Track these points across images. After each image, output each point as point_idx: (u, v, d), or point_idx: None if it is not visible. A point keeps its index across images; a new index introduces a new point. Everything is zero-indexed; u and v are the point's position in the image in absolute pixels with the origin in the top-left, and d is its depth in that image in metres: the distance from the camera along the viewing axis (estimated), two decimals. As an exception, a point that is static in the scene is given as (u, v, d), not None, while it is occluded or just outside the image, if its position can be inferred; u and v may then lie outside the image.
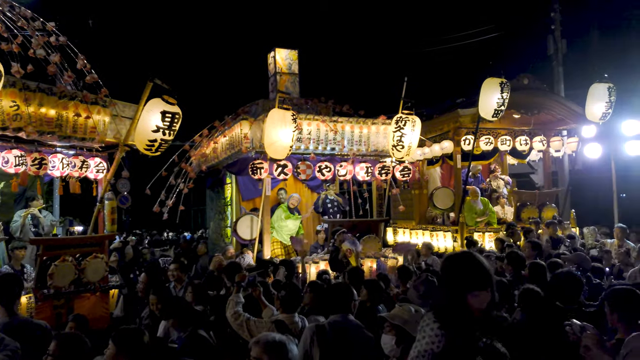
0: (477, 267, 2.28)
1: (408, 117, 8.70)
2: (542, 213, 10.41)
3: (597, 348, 2.68)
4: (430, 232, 11.04)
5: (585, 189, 16.69)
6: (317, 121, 8.73)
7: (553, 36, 15.34)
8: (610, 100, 9.56)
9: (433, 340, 2.22)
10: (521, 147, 10.59)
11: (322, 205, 10.37)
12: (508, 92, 8.89)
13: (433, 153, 11.05)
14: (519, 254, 6.24)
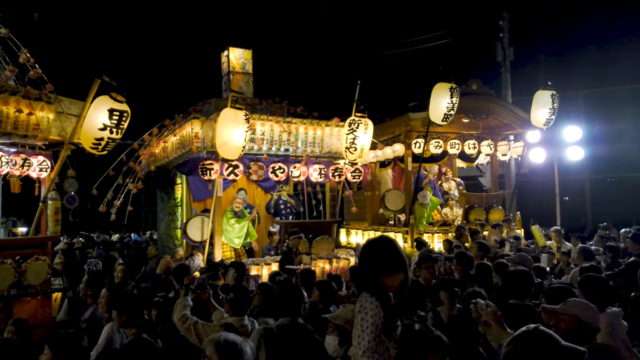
0: (392, 252, 2.60)
1: (361, 119, 8.79)
2: (489, 215, 10.73)
3: (496, 323, 2.84)
4: (382, 233, 11.18)
5: (530, 191, 17.37)
6: (271, 122, 8.68)
7: (502, 43, 15.88)
8: (554, 106, 9.97)
9: (376, 312, 2.50)
10: (469, 150, 10.90)
11: (275, 206, 10.33)
12: (457, 97, 9.14)
13: (385, 155, 11.22)
14: (467, 254, 6.42)
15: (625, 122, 17.05)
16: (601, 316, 3.50)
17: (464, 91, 9.97)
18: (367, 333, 2.51)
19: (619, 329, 3.42)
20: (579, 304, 3.01)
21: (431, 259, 5.78)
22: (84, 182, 9.58)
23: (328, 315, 3.21)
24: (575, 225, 16.01)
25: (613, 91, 17.95)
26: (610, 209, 17.44)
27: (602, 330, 3.42)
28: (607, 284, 3.57)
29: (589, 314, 2.92)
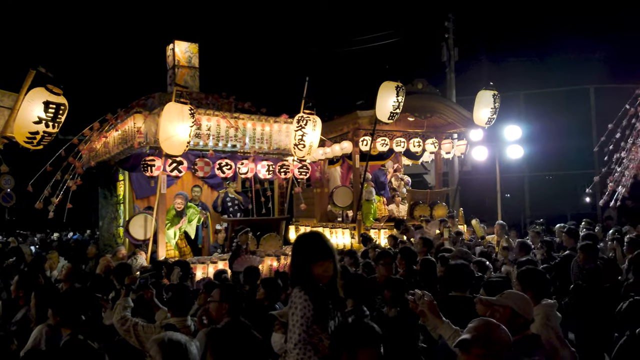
0: (320, 242, 2.81)
1: (309, 116, 8.79)
2: (434, 211, 11.00)
3: (431, 313, 2.97)
4: (330, 230, 11.27)
5: (473, 188, 17.94)
6: (218, 117, 8.53)
7: (447, 44, 16.29)
8: (495, 106, 10.32)
9: (305, 306, 2.62)
10: (414, 148, 11.13)
11: (222, 203, 10.17)
12: (403, 95, 9.31)
13: (334, 153, 11.30)
14: (412, 249, 6.54)
15: (563, 123, 17.87)
16: (537, 307, 3.65)
17: (410, 90, 10.16)
18: (297, 327, 2.61)
19: (553, 320, 3.58)
20: (513, 296, 3.12)
21: (389, 256, 5.72)
22: (21, 179, 9.11)
23: (275, 313, 3.20)
24: (516, 221, 16.67)
25: (551, 92, 18.79)
26: (548, 205, 18.29)
27: (537, 321, 3.57)
28: (544, 276, 3.73)
29: (522, 305, 3.04)
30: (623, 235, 8.20)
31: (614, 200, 11.37)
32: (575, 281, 6.10)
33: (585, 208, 16.75)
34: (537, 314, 3.60)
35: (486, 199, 16.88)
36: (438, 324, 3.00)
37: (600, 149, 11.79)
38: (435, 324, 2.99)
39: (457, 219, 11.05)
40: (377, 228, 10.37)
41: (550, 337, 3.35)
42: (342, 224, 11.16)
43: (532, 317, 3.11)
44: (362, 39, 16.53)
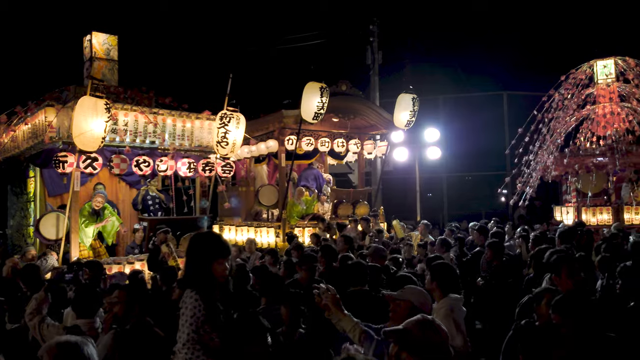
0: (219, 241, 2.93)
1: (233, 114, 8.70)
2: (356, 209, 11.25)
3: (334, 306, 3.09)
4: (255, 229, 11.23)
5: (395, 188, 18.55)
6: (136, 112, 8.25)
7: (372, 47, 16.71)
8: (414, 109, 10.71)
9: (195, 305, 2.68)
10: (338, 148, 11.34)
11: (142, 202, 9.86)
12: (327, 96, 9.46)
13: (259, 151, 11.27)
14: (332, 247, 6.66)
15: (478, 126, 18.86)
16: (443, 300, 3.86)
17: (334, 91, 10.33)
18: (187, 326, 2.67)
19: (457, 313, 3.78)
20: (413, 290, 3.29)
21: (312, 260, 5.65)
22: None
23: None
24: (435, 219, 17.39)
25: (468, 97, 19.78)
26: (465, 204, 19.25)
27: (441, 313, 3.78)
28: (453, 271, 3.93)
29: (420, 299, 3.22)
30: (529, 233, 8.80)
31: (522, 200, 12.16)
32: (483, 277, 6.49)
33: (499, 207, 17.75)
34: (442, 307, 3.81)
35: (407, 198, 17.50)
36: (340, 317, 3.11)
37: (511, 152, 12.58)
38: (338, 317, 3.10)
39: (378, 217, 11.39)
40: (302, 226, 10.45)
41: (449, 327, 3.55)
42: (267, 223, 11.15)
43: (430, 310, 3.29)
44: (289, 38, 16.60)
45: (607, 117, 11.40)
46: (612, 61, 11.69)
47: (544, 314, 3.24)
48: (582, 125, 12.08)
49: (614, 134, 11.03)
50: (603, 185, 11.39)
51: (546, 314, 3.19)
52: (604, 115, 11.45)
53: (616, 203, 11.17)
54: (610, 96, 11.65)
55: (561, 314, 2.95)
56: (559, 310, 2.97)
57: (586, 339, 2.84)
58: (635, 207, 10.87)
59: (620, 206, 11.12)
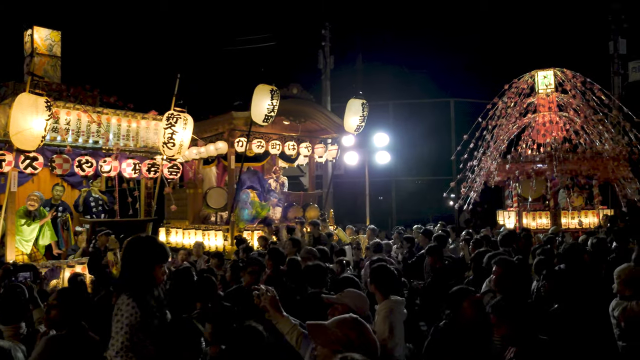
0: (161, 244, 2.95)
1: (180, 114, 8.53)
2: (306, 213, 11.28)
3: (272, 307, 3.10)
4: (203, 232, 11.06)
5: (345, 191, 18.74)
6: (78, 110, 7.97)
7: (323, 52, 16.83)
8: (364, 114, 10.84)
9: (131, 313, 2.64)
10: (289, 151, 11.34)
11: (84, 203, 9.52)
12: (278, 99, 9.44)
13: (208, 153, 11.11)
14: (279, 250, 6.65)
15: (427, 132, 19.34)
16: (384, 302, 3.93)
17: (285, 94, 10.32)
18: (122, 334, 2.63)
19: (396, 315, 3.86)
20: (351, 294, 3.34)
21: (258, 264, 5.55)
22: None
23: None
24: (383, 223, 17.68)
25: (417, 104, 20.23)
26: (413, 208, 19.63)
27: (381, 315, 3.85)
28: (391, 273, 4.00)
29: (358, 302, 3.27)
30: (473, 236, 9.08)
31: (466, 204, 12.54)
32: (426, 279, 6.65)
33: (447, 211, 18.22)
34: (382, 309, 3.88)
35: (357, 201, 17.70)
36: (279, 319, 3.10)
37: (457, 158, 12.95)
38: (277, 319, 3.10)
39: (328, 220, 11.46)
40: (250, 230, 10.38)
41: (384, 330, 3.62)
42: (215, 226, 11.00)
43: (367, 314, 3.34)
44: (241, 39, 16.48)
45: (547, 126, 11.94)
46: (551, 72, 12.25)
47: (465, 314, 3.34)
48: (524, 133, 12.60)
49: (552, 142, 11.54)
50: (542, 191, 11.91)
51: (468, 313, 3.29)
52: (544, 124, 11.98)
53: (554, 208, 11.69)
54: (549, 105, 12.21)
55: (498, 316, 3.05)
56: (496, 312, 3.07)
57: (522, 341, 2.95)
58: (571, 212, 11.43)
59: (557, 211, 11.65)
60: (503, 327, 3.02)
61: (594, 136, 11.57)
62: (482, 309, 3.29)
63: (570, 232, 10.75)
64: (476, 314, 3.27)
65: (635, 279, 4.07)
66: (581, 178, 11.45)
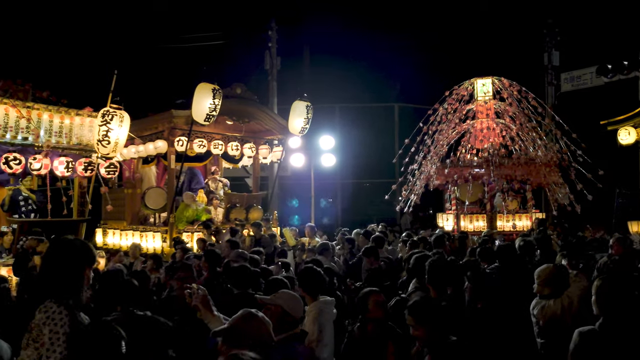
0: (89, 247, 2.85)
1: (116, 111, 8.29)
2: (249, 214, 11.18)
3: (203, 307, 3.12)
4: (141, 233, 10.77)
5: (292, 193, 18.73)
6: (6, 105, 7.59)
7: (270, 52, 16.77)
8: (308, 116, 10.88)
9: (65, 321, 2.50)
10: (232, 152, 11.21)
11: (12, 202, 9.06)
12: (220, 98, 9.33)
13: (147, 152, 10.83)
14: (216, 252, 6.56)
15: (372, 135, 19.61)
16: (314, 304, 3.95)
17: (228, 94, 10.22)
18: (59, 344, 2.46)
19: (325, 316, 3.88)
20: (284, 295, 3.33)
21: (186, 270, 5.34)
22: None
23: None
24: (329, 225, 17.78)
25: (363, 107, 20.48)
26: (358, 210, 19.85)
27: (311, 317, 3.86)
28: (318, 275, 4.02)
29: (291, 304, 3.27)
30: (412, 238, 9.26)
31: (407, 207, 12.79)
32: (363, 280, 6.72)
33: (391, 213, 18.52)
34: (311, 310, 3.90)
35: (303, 203, 17.72)
36: (209, 317, 3.09)
37: (399, 161, 13.20)
38: (208, 319, 3.08)
39: (271, 222, 11.40)
40: (190, 231, 10.19)
41: (313, 332, 3.64)
42: (154, 227, 10.73)
43: (300, 315, 3.35)
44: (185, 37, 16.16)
45: (484, 132, 12.35)
46: (490, 80, 12.68)
47: (371, 314, 3.40)
48: (463, 138, 12.99)
49: (489, 148, 11.96)
50: (479, 195, 12.31)
51: (373, 314, 3.35)
52: (481, 130, 12.39)
53: (490, 211, 12.11)
54: (487, 112, 12.64)
55: (415, 317, 3.12)
56: (412, 313, 3.14)
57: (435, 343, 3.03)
58: (506, 215, 11.88)
59: (493, 214, 12.08)
60: (420, 329, 3.08)
61: (528, 143, 12.08)
62: (385, 309, 3.35)
63: (505, 234, 11.15)
64: (382, 313, 3.32)
65: (553, 279, 4.25)
66: (516, 183, 11.90)
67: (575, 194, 11.68)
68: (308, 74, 19.64)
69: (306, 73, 19.72)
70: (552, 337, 4.12)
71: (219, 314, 3.15)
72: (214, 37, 16.22)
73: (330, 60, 19.43)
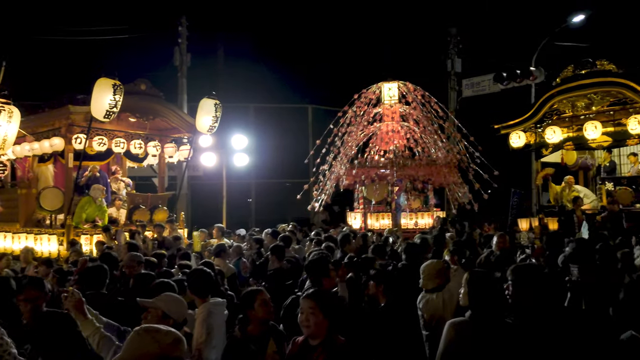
0: None
1: (4, 106, 7.75)
2: (154, 215, 10.83)
3: (75, 310, 3.09)
4: (35, 236, 10.10)
5: (204, 193, 18.38)
6: None
7: (180, 49, 16.34)
8: (217, 115, 10.70)
9: None
10: (135, 150, 10.80)
11: None
12: (121, 94, 8.95)
13: (43, 149, 10.18)
14: (112, 255, 6.32)
15: (287, 135, 19.68)
16: (203, 305, 3.92)
17: (132, 90, 9.85)
18: None
19: (215, 317, 3.86)
20: (166, 298, 3.29)
21: (36, 287, 5.17)
22: None
23: None
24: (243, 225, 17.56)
25: (278, 108, 20.52)
26: (272, 210, 19.82)
27: (200, 319, 3.83)
28: (206, 275, 3.99)
29: (172, 307, 3.23)
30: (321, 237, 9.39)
31: (318, 206, 13.00)
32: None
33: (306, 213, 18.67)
34: (201, 312, 3.87)
35: (216, 204, 17.42)
36: (81, 320, 3.02)
37: (312, 162, 13.38)
38: (80, 321, 2.99)
39: (177, 223, 11.12)
40: (88, 233, 9.69)
41: (201, 334, 3.62)
42: (49, 230, 10.09)
43: (183, 318, 3.31)
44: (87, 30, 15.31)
45: (390, 134, 12.83)
46: (395, 84, 13.19)
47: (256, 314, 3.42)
48: (371, 140, 13.41)
49: (394, 149, 12.44)
50: (384, 194, 12.77)
51: (258, 313, 3.38)
52: (387, 133, 12.86)
53: (395, 210, 12.60)
54: (392, 116, 13.15)
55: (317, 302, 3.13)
56: (314, 298, 3.15)
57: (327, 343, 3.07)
58: (410, 214, 12.42)
59: (398, 212, 12.58)
60: (314, 329, 3.11)
61: (431, 145, 12.70)
62: (269, 308, 3.38)
63: (409, 232, 11.63)
64: (264, 313, 3.35)
65: (437, 274, 4.51)
66: (418, 183, 12.47)
67: (473, 193, 12.44)
68: (223, 73, 19.38)
69: (221, 72, 19.45)
70: (434, 329, 4.36)
71: (92, 318, 3.08)
72: (120, 30, 15.52)
73: (245, 61, 19.32)
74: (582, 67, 11.42)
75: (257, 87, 19.41)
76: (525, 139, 12.06)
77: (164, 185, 12.40)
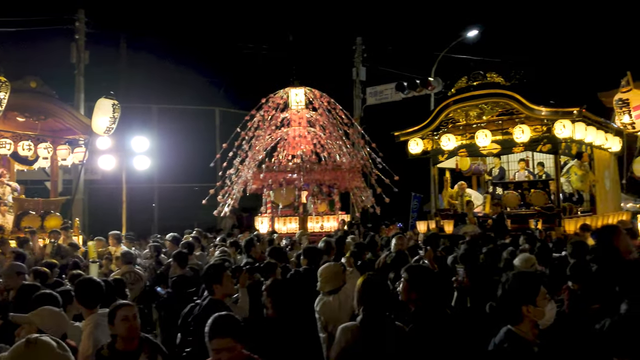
0: None
1: None
2: (45, 222, 10.13)
3: None
4: None
5: (103, 198, 17.43)
6: None
7: (77, 45, 15.41)
8: (115, 116, 10.26)
9: None
10: (24, 152, 10.07)
11: None
12: (7, 92, 8.36)
13: None
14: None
15: (193, 138, 19.18)
16: (90, 317, 3.75)
17: (20, 88, 9.24)
18: None
19: (102, 329, 3.68)
20: (42, 312, 3.13)
21: None
22: None
23: None
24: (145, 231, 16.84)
25: (183, 109, 19.91)
26: (177, 215, 19.20)
27: (86, 332, 3.65)
28: (94, 285, 3.82)
29: (48, 321, 3.11)
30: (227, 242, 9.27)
31: (226, 211, 12.84)
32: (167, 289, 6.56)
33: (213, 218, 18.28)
34: (87, 324, 3.70)
35: (116, 209, 16.59)
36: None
37: (218, 165, 13.18)
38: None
39: (71, 230, 10.48)
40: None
41: (87, 347, 3.46)
42: None
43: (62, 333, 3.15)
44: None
45: (297, 139, 12.98)
46: (302, 90, 13.37)
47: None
48: (279, 144, 13.48)
49: (301, 154, 12.60)
50: (292, 198, 12.88)
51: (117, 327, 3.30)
52: (295, 137, 13.00)
53: (302, 214, 12.75)
54: (299, 121, 13.32)
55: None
56: None
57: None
58: (316, 217, 12.62)
59: (305, 216, 12.73)
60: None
61: (336, 150, 13.01)
62: (135, 324, 3.30)
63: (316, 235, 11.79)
64: (127, 330, 3.28)
65: (333, 276, 4.64)
66: (324, 187, 12.72)
67: (376, 197, 12.91)
68: (124, 72, 18.53)
69: (122, 71, 18.59)
70: (331, 331, 4.47)
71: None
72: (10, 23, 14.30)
73: (149, 60, 18.61)
74: (475, 79, 12.23)
75: (161, 87, 18.78)
76: (423, 146, 12.67)
77: (57, 190, 11.62)
